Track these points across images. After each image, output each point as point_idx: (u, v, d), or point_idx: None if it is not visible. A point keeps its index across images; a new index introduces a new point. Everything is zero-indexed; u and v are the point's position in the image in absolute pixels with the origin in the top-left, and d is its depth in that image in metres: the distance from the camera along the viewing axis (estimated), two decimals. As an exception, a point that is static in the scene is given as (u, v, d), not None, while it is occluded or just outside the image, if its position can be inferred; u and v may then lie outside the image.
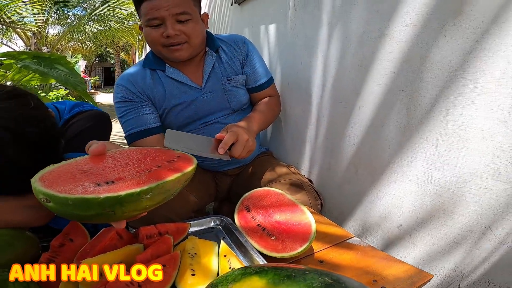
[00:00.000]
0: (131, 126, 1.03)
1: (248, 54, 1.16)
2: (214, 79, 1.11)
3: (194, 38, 0.99)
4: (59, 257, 0.61)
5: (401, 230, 0.89)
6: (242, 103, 1.16)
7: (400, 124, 0.87)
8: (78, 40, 8.55)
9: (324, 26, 1.15)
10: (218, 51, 1.12)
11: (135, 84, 1.04)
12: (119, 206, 0.46)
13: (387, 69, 0.88)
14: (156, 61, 1.08)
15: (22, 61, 1.99)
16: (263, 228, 0.73)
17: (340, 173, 1.13)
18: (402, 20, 0.83)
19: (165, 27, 0.94)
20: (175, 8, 0.92)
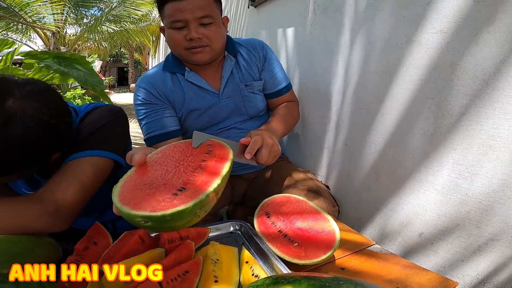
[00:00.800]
0: (151, 129, 1.04)
1: (266, 59, 1.14)
2: (232, 84, 1.10)
3: (216, 42, 0.99)
4: (84, 260, 0.62)
5: (423, 238, 0.87)
6: (259, 109, 1.15)
7: (426, 133, 0.85)
8: (95, 41, 8.65)
9: (346, 31, 1.14)
10: (236, 56, 1.11)
11: (155, 86, 1.04)
12: (202, 208, 0.50)
13: (414, 76, 0.86)
14: (176, 64, 1.08)
15: (44, 61, 2.01)
16: (284, 235, 0.71)
17: (359, 180, 1.11)
18: (431, 27, 0.81)
19: (188, 30, 0.94)
20: (199, 11, 0.92)
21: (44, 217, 0.63)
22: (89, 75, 2.28)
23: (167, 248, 0.65)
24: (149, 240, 0.67)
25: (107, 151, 0.76)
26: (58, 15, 6.69)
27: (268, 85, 1.15)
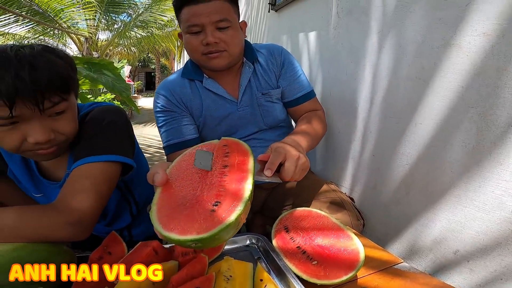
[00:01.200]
0: (169, 137, 1.03)
1: (284, 65, 1.08)
2: (249, 92, 1.06)
3: (233, 46, 0.96)
4: None
5: (458, 255, 0.81)
6: (277, 119, 1.10)
7: (467, 145, 0.76)
8: (124, 46, 8.95)
9: (373, 34, 1.07)
10: (254, 63, 1.07)
11: (173, 93, 1.04)
12: (244, 215, 0.51)
13: (453, 83, 0.78)
14: (195, 71, 1.06)
15: None
16: (303, 251, 0.67)
17: (387, 193, 1.05)
18: (473, 29, 0.73)
19: (204, 34, 0.92)
20: (216, 15, 0.90)
21: (67, 226, 0.64)
22: (116, 80, 2.31)
23: (180, 261, 0.63)
24: (163, 252, 0.66)
25: (114, 155, 0.75)
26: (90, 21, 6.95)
27: (286, 93, 1.09)
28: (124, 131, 0.83)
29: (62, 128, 0.71)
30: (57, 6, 5.60)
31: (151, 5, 7.87)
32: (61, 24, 6.11)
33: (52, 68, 0.66)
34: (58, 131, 0.71)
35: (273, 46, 1.11)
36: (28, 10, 5.25)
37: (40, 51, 0.67)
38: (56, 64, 0.68)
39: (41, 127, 0.67)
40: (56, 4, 5.51)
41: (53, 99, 0.67)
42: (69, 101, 0.72)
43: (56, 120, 0.70)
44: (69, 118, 0.72)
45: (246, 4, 2.99)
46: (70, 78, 0.71)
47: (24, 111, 0.64)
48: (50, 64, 0.66)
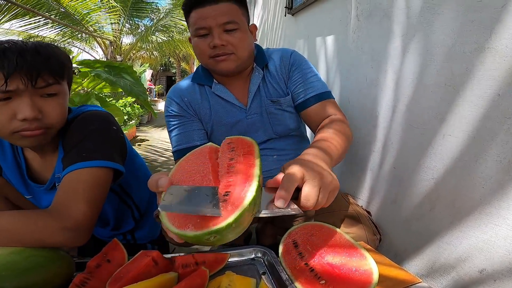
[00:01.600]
0: (178, 142, 1.01)
1: (293, 66, 1.01)
2: (258, 99, 1.02)
3: (241, 49, 0.93)
4: (94, 278, 0.60)
5: (484, 274, 0.75)
6: (288, 128, 1.04)
7: (503, 160, 0.69)
8: (147, 50, 9.17)
9: (396, 37, 1.00)
10: (264, 68, 1.03)
11: (183, 98, 1.02)
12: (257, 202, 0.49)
13: (488, 90, 0.71)
14: (205, 76, 1.04)
15: (95, 70, 2.10)
16: (311, 269, 0.62)
17: (409, 208, 0.98)
18: (509, 32, 0.66)
19: (212, 37, 0.91)
20: (222, 17, 0.89)
21: (63, 232, 0.65)
22: (134, 84, 2.36)
23: (180, 273, 0.62)
24: (163, 262, 0.63)
25: (103, 160, 0.76)
26: (115, 25, 7.15)
27: (295, 95, 1.01)
28: (109, 136, 0.83)
29: (50, 110, 0.73)
30: (83, 10, 5.79)
31: (172, 10, 8.04)
32: (88, 28, 6.30)
33: (52, 53, 0.73)
34: (46, 113, 0.73)
35: (284, 50, 1.06)
36: (56, 13, 5.42)
37: (44, 43, 0.75)
38: (56, 51, 0.75)
39: (30, 104, 0.69)
40: (82, 8, 5.69)
41: (47, 79, 0.71)
42: (62, 86, 0.76)
43: (46, 101, 0.73)
44: (59, 103, 0.75)
45: (262, 9, 2.97)
46: (65, 66, 0.76)
47: (19, 86, 0.68)
48: (50, 50, 0.74)
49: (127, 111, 5.32)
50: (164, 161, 3.29)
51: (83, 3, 5.59)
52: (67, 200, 0.69)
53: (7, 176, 0.89)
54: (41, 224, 0.64)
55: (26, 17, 4.80)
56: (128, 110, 5.43)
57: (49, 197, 0.86)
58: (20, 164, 0.87)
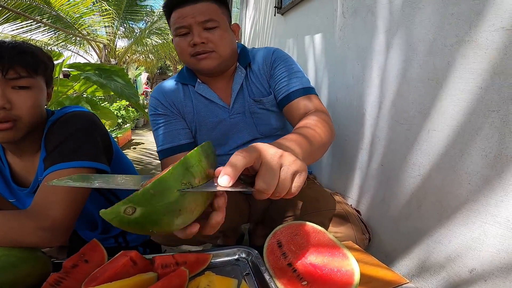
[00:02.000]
0: (163, 141, 1.00)
1: (274, 63, 0.99)
2: (241, 99, 1.01)
3: (222, 46, 0.92)
4: (69, 279, 0.59)
5: (474, 274, 0.74)
6: (272, 127, 1.03)
7: (488, 154, 0.67)
8: (142, 53, 9.14)
9: (380, 33, 0.99)
10: (247, 68, 1.02)
11: (166, 97, 1.02)
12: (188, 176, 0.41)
13: (470, 84, 0.69)
14: (189, 76, 1.03)
15: (85, 73, 2.08)
16: (294, 269, 0.62)
17: (397, 206, 0.96)
18: (490, 24, 0.65)
19: (192, 35, 0.91)
20: (201, 15, 0.89)
21: (39, 232, 0.66)
22: (125, 87, 2.33)
23: (160, 273, 0.61)
24: (142, 263, 0.63)
25: (84, 161, 0.76)
26: (108, 28, 7.13)
27: (277, 92, 0.98)
28: (92, 136, 0.81)
29: (21, 102, 0.73)
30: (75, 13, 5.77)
31: (166, 13, 8.02)
32: (81, 31, 6.28)
33: (27, 49, 0.75)
34: (15, 104, 0.73)
35: (266, 48, 1.05)
36: (49, 17, 5.40)
37: (24, 42, 0.78)
38: (33, 48, 0.77)
39: (0, 94, 0.70)
40: (74, 12, 5.67)
41: (19, 71, 0.72)
42: (35, 80, 0.76)
43: (17, 92, 0.73)
44: (30, 96, 0.75)
45: (254, 10, 2.96)
46: (41, 62, 0.78)
47: None
48: (27, 46, 0.76)
49: (121, 114, 5.29)
50: (159, 164, 3.28)
51: (75, 7, 5.57)
52: (45, 200, 0.70)
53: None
54: (16, 224, 0.64)
55: (18, 21, 4.77)
56: (123, 113, 5.41)
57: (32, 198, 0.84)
58: (2, 168, 0.87)
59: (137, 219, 0.38)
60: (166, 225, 0.41)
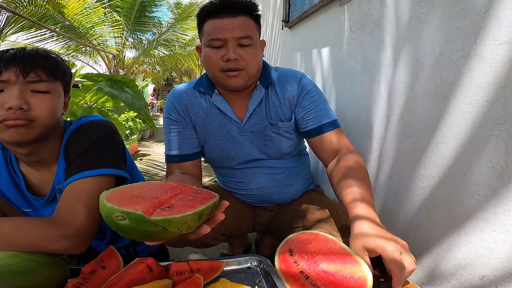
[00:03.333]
0: (171, 147, 1.01)
1: (303, 91, 0.98)
2: (256, 118, 1.00)
3: (252, 66, 0.91)
4: (87, 284, 0.60)
5: (484, 281, 0.75)
6: (281, 152, 1.03)
7: (495, 166, 0.68)
8: (149, 64, 9.25)
9: (387, 47, 1.01)
10: (268, 87, 1.01)
11: (181, 102, 1.01)
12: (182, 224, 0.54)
13: (476, 97, 0.71)
14: (208, 85, 1.02)
15: (98, 83, 2.11)
16: (306, 276, 0.62)
17: (405, 217, 0.97)
18: (494, 38, 0.67)
19: (226, 50, 0.88)
20: (239, 31, 0.87)
21: (63, 239, 0.67)
22: (136, 98, 2.36)
23: (175, 280, 0.62)
24: (158, 269, 0.64)
25: (106, 168, 0.78)
26: (118, 39, 7.26)
27: (302, 122, 0.99)
28: (113, 144, 0.84)
29: (38, 105, 0.75)
30: (87, 23, 5.90)
31: (174, 24, 8.17)
32: (92, 41, 6.41)
33: (49, 55, 0.79)
34: (33, 106, 0.74)
35: (293, 72, 1.02)
36: (61, 26, 5.53)
37: (47, 50, 0.82)
38: (54, 56, 0.80)
39: (18, 95, 0.71)
40: (87, 22, 5.80)
41: (40, 74, 0.74)
42: (54, 85, 0.78)
43: (36, 96, 0.75)
44: (48, 101, 0.77)
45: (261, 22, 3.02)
46: (61, 69, 0.80)
47: (10, 77, 0.71)
48: (49, 53, 0.80)
49: (129, 125, 5.35)
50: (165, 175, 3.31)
51: (88, 17, 5.70)
52: (68, 208, 0.71)
53: (3, 190, 0.88)
54: (41, 231, 0.65)
55: (32, 30, 4.88)
56: (130, 124, 5.47)
57: (50, 209, 0.87)
58: (16, 180, 0.87)
59: (123, 226, 0.49)
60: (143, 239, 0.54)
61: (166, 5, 10.35)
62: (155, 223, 0.49)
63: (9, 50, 0.75)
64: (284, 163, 1.04)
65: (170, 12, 11.36)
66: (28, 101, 0.73)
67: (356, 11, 1.21)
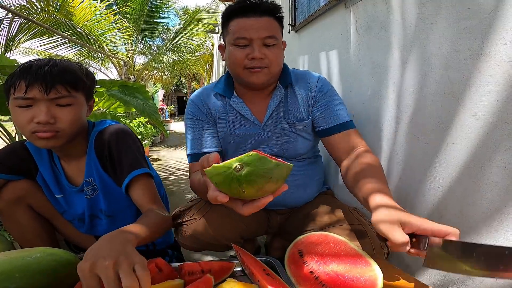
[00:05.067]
0: (193, 147, 1.03)
1: (320, 91, 1.01)
2: (275, 118, 1.02)
3: (275, 65, 0.95)
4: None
5: (500, 282, 0.74)
6: (297, 152, 1.04)
7: (507, 166, 0.68)
8: (159, 70, 9.37)
9: (394, 49, 1.01)
10: (287, 88, 1.03)
11: (203, 102, 1.04)
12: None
13: (485, 97, 0.71)
14: (227, 87, 1.04)
15: (110, 90, 2.15)
16: (316, 277, 0.63)
17: None
18: (501, 37, 0.67)
19: (251, 49, 0.91)
20: (265, 31, 0.90)
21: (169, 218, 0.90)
22: (147, 104, 2.39)
23: (186, 280, 0.63)
24: (168, 269, 0.66)
25: (145, 168, 0.94)
26: (128, 45, 7.36)
27: (320, 122, 1.00)
28: (141, 148, 1.00)
29: (63, 117, 0.85)
30: (98, 30, 6.02)
31: (182, 30, 8.26)
32: (103, 48, 6.53)
33: (67, 68, 0.86)
34: (59, 119, 0.85)
35: (311, 74, 1.05)
36: (72, 33, 5.65)
37: (65, 60, 0.90)
38: (72, 67, 0.88)
39: (45, 111, 0.82)
40: (97, 28, 5.92)
41: (61, 90, 0.84)
42: (75, 98, 0.88)
43: (61, 109, 0.85)
44: (72, 112, 0.87)
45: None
46: (80, 80, 0.89)
47: (36, 95, 0.81)
48: (67, 65, 0.87)
49: (140, 131, 5.43)
50: (176, 180, 3.33)
51: (98, 23, 5.81)
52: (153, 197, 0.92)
53: (43, 175, 1.03)
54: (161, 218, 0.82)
55: (45, 37, 4.98)
56: (141, 130, 5.54)
57: (78, 196, 1.03)
58: (56, 170, 1.03)
59: (241, 176, 0.50)
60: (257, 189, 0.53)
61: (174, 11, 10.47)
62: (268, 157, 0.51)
63: (31, 64, 0.83)
64: (299, 164, 1.05)
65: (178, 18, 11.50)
66: (54, 115, 0.84)
67: (362, 14, 1.21)
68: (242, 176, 0.50)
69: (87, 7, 5.18)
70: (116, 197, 1.03)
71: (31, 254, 0.63)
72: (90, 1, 5.18)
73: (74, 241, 1.15)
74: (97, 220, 1.07)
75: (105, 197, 1.02)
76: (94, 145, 0.98)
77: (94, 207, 1.04)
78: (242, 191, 0.52)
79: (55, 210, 1.08)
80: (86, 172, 0.99)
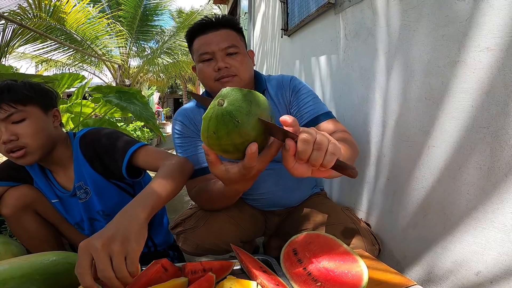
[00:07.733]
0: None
1: (294, 91, 1.05)
2: None
3: (243, 71, 0.99)
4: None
5: (480, 276, 0.78)
6: None
7: (482, 167, 0.72)
8: (154, 72, 9.37)
9: (380, 55, 1.05)
10: (264, 93, 1.07)
11: (189, 119, 1.07)
12: None
13: (462, 102, 0.75)
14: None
15: (107, 95, 2.18)
16: (308, 273, 0.68)
17: (404, 216, 1.01)
18: (476, 45, 0.71)
19: (216, 61, 0.97)
20: (224, 42, 0.96)
21: (183, 163, 0.88)
22: (143, 109, 2.41)
23: (190, 279, 0.67)
24: (173, 269, 0.70)
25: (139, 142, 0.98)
26: (122, 48, 7.36)
27: (300, 115, 1.04)
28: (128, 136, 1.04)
29: (23, 131, 0.89)
30: (92, 34, 6.03)
31: (176, 32, 8.28)
32: (97, 52, 6.52)
33: (9, 86, 0.89)
34: (20, 135, 0.88)
35: (284, 77, 1.10)
36: (66, 37, 5.66)
37: (13, 81, 0.92)
38: (14, 85, 0.91)
39: (4, 130, 0.87)
40: (91, 32, 5.93)
41: (6, 108, 0.87)
42: (26, 112, 0.90)
43: (18, 126, 0.89)
44: (30, 125, 0.90)
45: (261, 31, 3.07)
46: (23, 95, 0.91)
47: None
48: (9, 84, 0.90)
49: (137, 135, 5.45)
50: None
51: (91, 28, 5.82)
52: (163, 155, 0.92)
53: (37, 182, 1.07)
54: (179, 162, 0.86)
55: (37, 42, 5.00)
56: (138, 134, 5.57)
57: (73, 200, 1.07)
58: (49, 177, 1.07)
59: (226, 108, 0.53)
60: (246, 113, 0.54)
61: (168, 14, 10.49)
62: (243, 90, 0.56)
63: None
64: None
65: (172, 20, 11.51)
66: (14, 132, 0.88)
67: (350, 20, 1.26)
68: (228, 106, 0.54)
69: (80, 11, 5.20)
70: (109, 194, 1.06)
71: (48, 258, 0.67)
72: (83, 5, 5.20)
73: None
74: (97, 223, 1.10)
75: (99, 198, 1.05)
76: (80, 149, 1.01)
77: (90, 210, 1.08)
78: (238, 122, 0.53)
79: (60, 215, 1.11)
80: (75, 177, 1.03)
